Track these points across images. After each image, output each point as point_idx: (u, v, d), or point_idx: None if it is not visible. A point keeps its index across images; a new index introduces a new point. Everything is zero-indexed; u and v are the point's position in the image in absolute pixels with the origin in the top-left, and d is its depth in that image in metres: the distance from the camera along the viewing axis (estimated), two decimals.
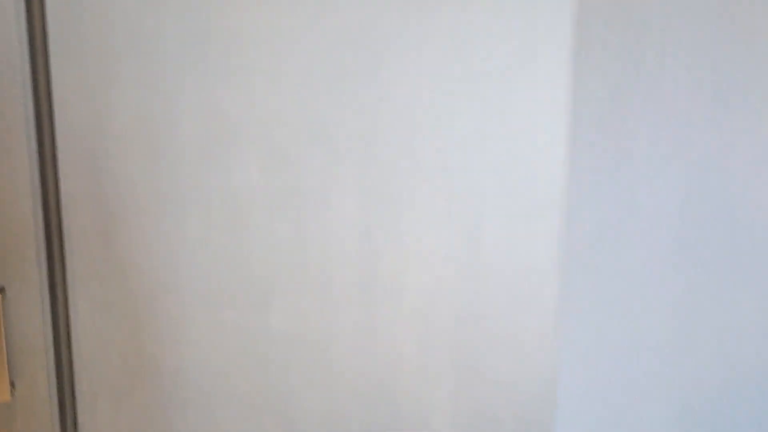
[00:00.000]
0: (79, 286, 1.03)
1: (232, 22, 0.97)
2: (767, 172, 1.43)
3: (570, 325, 1.22)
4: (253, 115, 1.00)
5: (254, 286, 1.07)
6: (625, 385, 1.38)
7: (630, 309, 1.34)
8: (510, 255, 1.12)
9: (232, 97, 0.99)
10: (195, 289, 1.06)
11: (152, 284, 1.05)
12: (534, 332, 1.15)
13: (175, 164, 1.01)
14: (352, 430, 1.15)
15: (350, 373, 1.13)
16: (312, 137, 1.02)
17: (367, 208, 1.07)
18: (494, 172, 1.08)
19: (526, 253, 1.12)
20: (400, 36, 1.00)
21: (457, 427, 1.18)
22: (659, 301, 1.38)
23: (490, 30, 1.00)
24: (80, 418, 1.05)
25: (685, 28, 1.18)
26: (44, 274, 1.03)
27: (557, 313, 1.14)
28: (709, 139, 1.28)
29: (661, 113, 1.21)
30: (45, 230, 1.03)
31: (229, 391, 1.10)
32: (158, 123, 0.99)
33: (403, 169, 1.07)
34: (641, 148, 1.21)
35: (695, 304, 1.39)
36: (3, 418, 1.06)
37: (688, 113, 1.26)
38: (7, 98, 0.97)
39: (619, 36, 1.11)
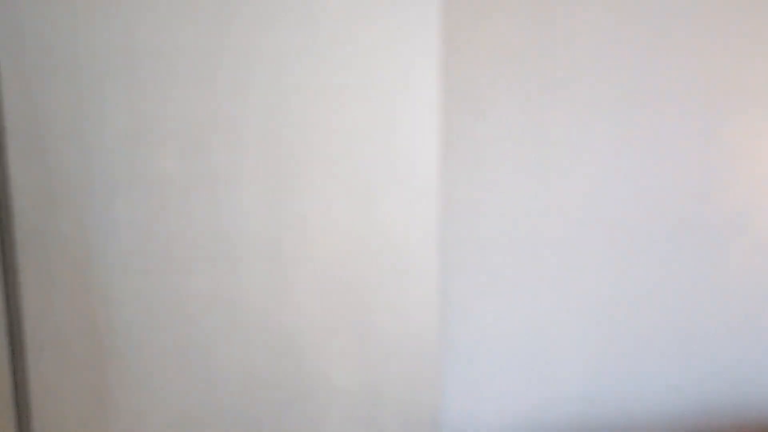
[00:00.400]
0: (25, 258, 1.22)
1: (154, 38, 1.17)
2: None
3: (449, 291, 1.45)
4: (172, 113, 1.20)
5: (176, 255, 1.27)
6: (495, 340, 1.61)
7: (502, 276, 1.57)
8: (395, 230, 1.34)
9: (155, 99, 1.19)
10: (126, 258, 1.26)
11: (90, 255, 1.25)
12: (416, 296, 1.38)
13: (106, 155, 1.21)
14: (263, 377, 1.36)
15: (260, 328, 1.34)
16: (222, 131, 1.23)
17: (272, 191, 1.28)
18: (380, 161, 1.30)
19: (408, 229, 1.34)
20: (291, 50, 1.21)
21: (352, 377, 1.39)
22: (525, 263, 1.62)
23: (365, 38, 1.22)
24: (30, 365, 1.24)
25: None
26: None
27: (437, 280, 1.36)
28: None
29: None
30: None
31: (158, 344, 1.30)
32: (91, 121, 1.19)
33: (302, 157, 1.28)
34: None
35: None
36: None
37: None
38: None
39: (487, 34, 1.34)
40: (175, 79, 1.18)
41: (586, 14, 1.69)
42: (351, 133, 1.29)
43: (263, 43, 1.21)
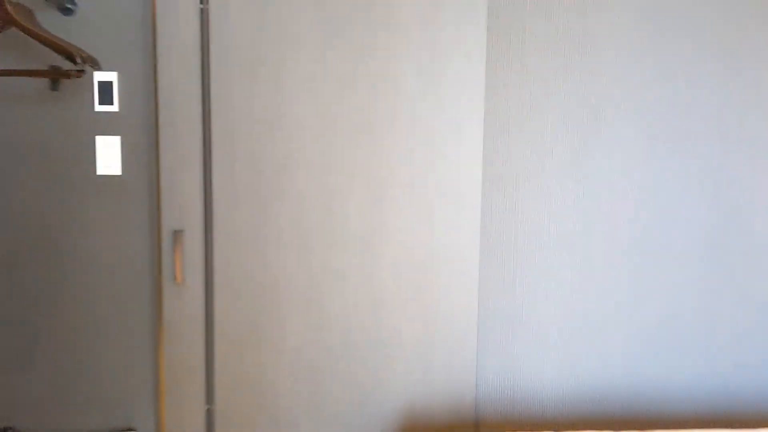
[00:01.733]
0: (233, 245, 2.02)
1: None
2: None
3: (489, 278, 2.08)
4: (308, 152, 1.97)
5: (310, 242, 2.02)
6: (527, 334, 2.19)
7: (533, 281, 2.16)
8: (448, 232, 2.01)
9: (295, 144, 1.97)
10: (283, 240, 2.02)
11: (268, 241, 2.02)
12: (462, 280, 2.03)
13: (269, 176, 1.99)
14: (356, 325, 2.06)
15: (357, 293, 2.05)
16: (337, 169, 1.98)
17: (368, 205, 2.00)
18: (439, 185, 1.98)
19: (457, 231, 2.01)
20: (386, 120, 1.95)
21: (414, 332, 2.06)
22: (557, 276, 2.18)
23: (416, 65, 1.93)
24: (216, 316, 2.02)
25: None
26: None
27: (478, 269, 2.01)
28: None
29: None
30: None
31: (290, 300, 2.04)
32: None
33: (387, 183, 2.00)
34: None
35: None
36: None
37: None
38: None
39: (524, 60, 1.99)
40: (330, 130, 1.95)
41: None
42: (419, 168, 1.99)
43: (367, 115, 1.95)
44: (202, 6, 1.94)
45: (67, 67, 1.95)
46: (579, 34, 2.14)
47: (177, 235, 1.98)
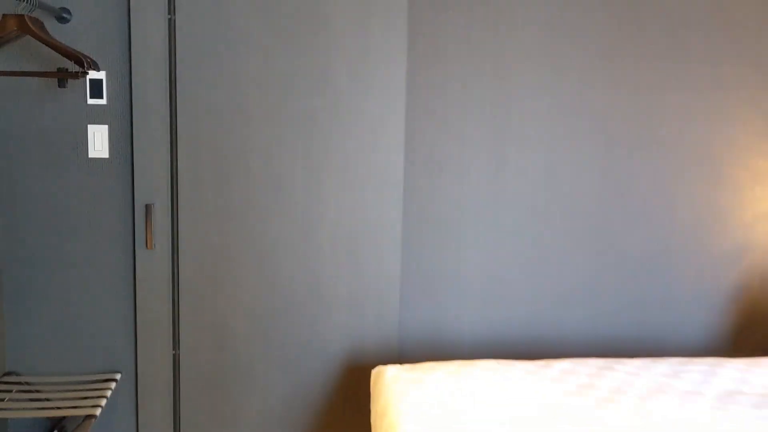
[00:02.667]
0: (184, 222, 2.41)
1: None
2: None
3: (411, 243, 2.47)
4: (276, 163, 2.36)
5: (257, 212, 2.40)
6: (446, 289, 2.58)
7: (449, 245, 2.54)
8: (374, 206, 2.39)
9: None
10: (242, 208, 2.41)
11: (232, 214, 2.41)
12: (386, 245, 2.41)
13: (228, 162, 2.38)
14: (299, 285, 2.45)
15: (296, 258, 2.44)
16: (301, 164, 2.36)
17: (307, 184, 2.39)
18: (366, 168, 2.37)
19: (383, 204, 2.39)
20: (316, 112, 2.33)
21: (345, 290, 2.44)
22: (474, 243, 2.57)
23: (339, 64, 2.31)
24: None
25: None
26: None
27: (401, 235, 2.39)
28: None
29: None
30: None
31: (248, 266, 2.43)
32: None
33: (324, 167, 2.38)
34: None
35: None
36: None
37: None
38: None
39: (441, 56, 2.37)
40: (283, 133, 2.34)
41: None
42: (351, 153, 2.37)
43: (294, 106, 2.33)
44: (169, 17, 2.32)
45: (70, 69, 2.34)
46: (491, 43, 2.53)
47: (148, 208, 2.38)
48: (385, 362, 2.57)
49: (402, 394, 2.05)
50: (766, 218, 2.81)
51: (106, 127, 2.39)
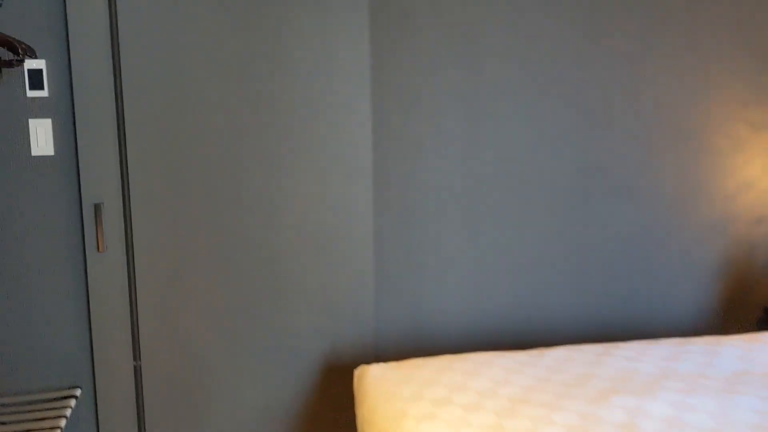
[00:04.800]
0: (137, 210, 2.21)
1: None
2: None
3: (383, 231, 2.29)
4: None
5: (216, 205, 2.21)
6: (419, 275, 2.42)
7: (425, 232, 2.38)
8: (344, 192, 2.21)
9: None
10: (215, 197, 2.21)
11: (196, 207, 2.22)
12: (358, 235, 2.24)
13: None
14: (268, 279, 2.27)
15: (263, 249, 2.25)
16: (254, 151, 2.17)
17: (271, 177, 2.20)
18: (334, 155, 2.19)
19: (352, 191, 2.21)
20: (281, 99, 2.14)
21: (316, 283, 2.27)
22: (451, 230, 2.41)
23: (304, 61, 2.12)
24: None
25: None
26: None
27: (372, 224, 2.22)
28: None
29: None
30: None
31: (222, 257, 2.24)
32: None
33: (286, 151, 2.19)
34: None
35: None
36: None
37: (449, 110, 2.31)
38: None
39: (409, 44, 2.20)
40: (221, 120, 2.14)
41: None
42: (314, 139, 2.19)
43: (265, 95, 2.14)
44: None
45: (3, 57, 2.12)
46: (460, 12, 2.36)
47: (97, 207, 2.17)
48: (362, 362, 2.40)
49: (391, 395, 1.89)
50: (748, 188, 2.70)
51: (49, 121, 2.17)
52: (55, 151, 2.19)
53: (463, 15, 2.37)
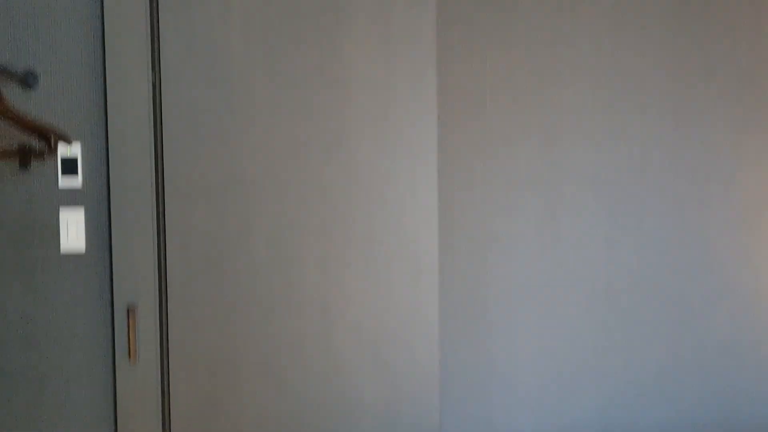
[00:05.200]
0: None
1: None
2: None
3: (451, 337, 1.99)
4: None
5: (262, 308, 1.95)
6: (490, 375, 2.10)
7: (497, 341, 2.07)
8: (405, 294, 1.94)
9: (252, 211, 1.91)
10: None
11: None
12: (422, 345, 1.95)
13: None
14: (324, 386, 1.98)
15: (318, 362, 1.97)
16: (306, 234, 1.92)
17: (323, 266, 1.94)
18: (395, 245, 1.92)
19: (415, 292, 1.94)
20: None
21: (376, 397, 1.97)
22: (526, 332, 2.11)
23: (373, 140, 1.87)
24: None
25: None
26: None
27: (438, 331, 1.93)
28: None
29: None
30: None
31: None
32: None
33: (343, 240, 1.93)
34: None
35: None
36: None
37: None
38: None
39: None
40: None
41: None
42: (376, 226, 1.93)
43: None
44: (153, 78, 1.93)
45: (34, 145, 1.93)
46: (536, 93, 2.14)
47: (131, 310, 1.92)
48: None
49: None
50: None
51: (81, 209, 1.95)
52: (86, 246, 1.96)
53: (539, 94, 2.14)
